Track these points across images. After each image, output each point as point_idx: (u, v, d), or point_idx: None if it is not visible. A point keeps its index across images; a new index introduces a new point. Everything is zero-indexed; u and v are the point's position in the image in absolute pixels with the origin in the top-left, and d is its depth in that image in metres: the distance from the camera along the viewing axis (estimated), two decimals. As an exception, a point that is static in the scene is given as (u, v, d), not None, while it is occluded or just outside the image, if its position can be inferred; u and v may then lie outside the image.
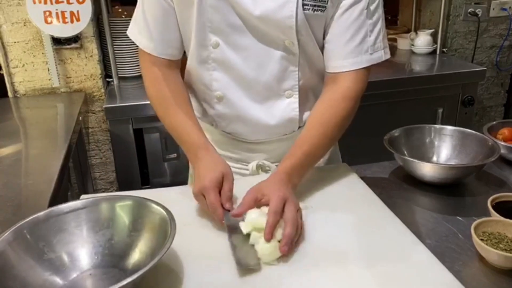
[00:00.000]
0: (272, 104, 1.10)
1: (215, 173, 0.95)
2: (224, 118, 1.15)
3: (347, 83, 1.05)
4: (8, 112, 1.97)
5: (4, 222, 1.02)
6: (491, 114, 2.79)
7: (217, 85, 1.10)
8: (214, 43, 1.04)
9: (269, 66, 1.05)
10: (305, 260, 0.83)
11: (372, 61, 1.06)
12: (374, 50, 1.05)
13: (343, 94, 1.06)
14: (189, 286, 0.78)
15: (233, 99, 1.10)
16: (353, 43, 1.03)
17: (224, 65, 1.07)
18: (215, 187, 0.93)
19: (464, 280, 0.78)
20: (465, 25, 2.55)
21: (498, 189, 1.09)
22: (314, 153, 1.04)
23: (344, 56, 1.04)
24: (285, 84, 1.08)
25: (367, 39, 1.04)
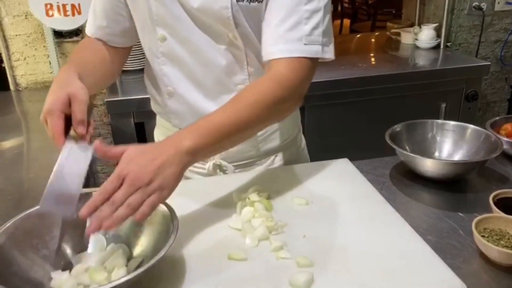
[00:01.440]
0: (224, 99, 1.01)
1: (59, 93, 0.84)
2: (176, 114, 1.14)
3: (279, 69, 0.95)
4: (9, 106, 1.97)
5: (5, 216, 1.02)
6: (495, 110, 2.77)
7: (167, 80, 1.09)
8: (161, 37, 1.04)
9: (216, 60, 1.03)
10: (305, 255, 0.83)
11: (306, 53, 0.95)
12: (310, 41, 0.96)
13: (269, 77, 0.96)
14: (190, 279, 0.78)
15: (184, 95, 1.09)
16: (283, 26, 0.95)
17: (172, 59, 1.06)
18: (56, 109, 0.82)
19: (465, 277, 0.77)
20: (470, 19, 2.53)
21: (501, 185, 1.08)
22: (221, 126, 0.87)
23: (274, 41, 0.96)
24: (236, 78, 1.06)
25: (300, 27, 0.95)
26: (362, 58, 2.42)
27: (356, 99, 2.11)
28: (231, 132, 0.89)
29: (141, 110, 1.94)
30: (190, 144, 0.82)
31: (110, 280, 0.74)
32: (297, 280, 0.75)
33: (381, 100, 2.15)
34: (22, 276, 0.73)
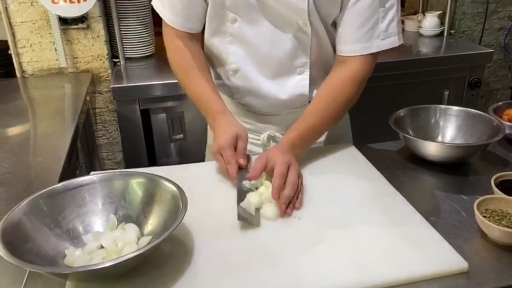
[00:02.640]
0: (284, 80, 1.15)
1: (230, 133, 1.04)
2: (238, 90, 1.21)
3: (355, 66, 1.10)
4: (16, 92, 1.98)
5: (16, 197, 1.05)
6: (498, 97, 2.78)
7: (233, 58, 1.15)
8: (232, 19, 1.10)
9: (283, 44, 1.10)
10: (311, 234, 0.86)
11: (382, 47, 1.09)
12: (386, 36, 1.09)
13: (350, 76, 1.10)
14: (198, 257, 0.80)
15: (247, 73, 1.16)
16: (363, 29, 1.07)
17: (240, 39, 1.12)
18: (230, 145, 1.02)
19: (467, 255, 0.79)
20: (473, 6, 2.52)
21: (502, 168, 1.09)
22: (317, 128, 1.10)
23: (355, 41, 1.08)
24: (297, 61, 1.13)
25: (378, 26, 1.07)
26: (366, 45, 2.42)
27: (360, 86, 2.12)
28: (324, 129, 1.14)
29: (146, 96, 1.95)
30: (300, 151, 1.06)
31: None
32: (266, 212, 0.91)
33: (385, 88, 2.16)
34: (37, 253, 0.75)
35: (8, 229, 0.74)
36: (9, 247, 0.70)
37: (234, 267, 0.78)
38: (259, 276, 0.76)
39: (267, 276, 0.76)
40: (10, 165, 1.26)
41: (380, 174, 1.06)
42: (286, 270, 0.77)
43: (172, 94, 1.95)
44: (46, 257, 0.76)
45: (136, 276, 0.76)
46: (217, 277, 0.76)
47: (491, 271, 0.78)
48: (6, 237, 0.73)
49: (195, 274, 0.77)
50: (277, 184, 0.93)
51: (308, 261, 0.79)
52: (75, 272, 0.72)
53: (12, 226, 0.76)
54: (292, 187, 0.93)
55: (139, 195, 0.87)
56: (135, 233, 0.82)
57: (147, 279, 0.76)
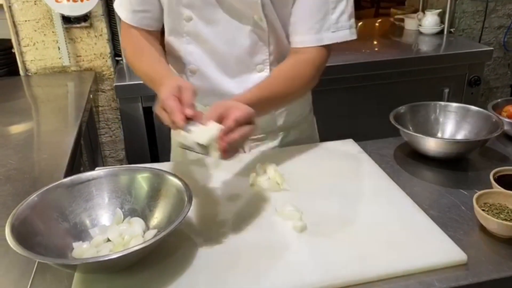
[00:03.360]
0: (244, 78, 1.13)
1: (172, 86, 0.92)
2: (198, 91, 1.16)
3: (309, 55, 1.09)
4: (20, 90, 2.00)
5: (23, 193, 1.06)
6: (497, 95, 2.79)
7: (191, 58, 1.14)
8: (187, 17, 1.08)
9: (240, 41, 1.09)
10: (312, 228, 0.87)
11: (333, 39, 1.08)
12: (337, 28, 1.08)
13: (306, 60, 1.09)
14: (203, 250, 0.82)
15: (206, 73, 1.14)
16: (313, 20, 1.06)
17: (197, 38, 1.11)
18: (171, 95, 0.90)
19: (466, 248, 0.81)
20: (473, 4, 2.54)
21: (501, 164, 1.10)
22: (271, 101, 1.03)
23: (305, 32, 1.07)
24: (256, 58, 1.12)
25: (328, 17, 1.06)
26: (366, 44, 2.44)
27: (361, 84, 2.14)
28: (275, 105, 1.09)
29: (149, 94, 1.96)
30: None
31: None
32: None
33: (385, 85, 2.17)
34: (45, 246, 0.77)
35: (18, 223, 0.76)
36: (19, 239, 0.72)
37: (237, 259, 0.80)
38: (262, 268, 0.78)
39: (269, 269, 0.78)
40: (16, 162, 1.28)
41: (381, 169, 1.07)
42: (288, 262, 0.79)
43: (174, 92, 1.96)
44: (54, 250, 0.78)
45: (142, 269, 0.78)
46: (221, 269, 0.78)
47: (489, 263, 0.80)
48: (16, 230, 0.74)
49: (200, 267, 0.78)
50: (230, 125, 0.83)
51: (310, 254, 0.81)
52: (83, 264, 0.73)
53: (22, 220, 0.77)
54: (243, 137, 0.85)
55: (144, 190, 0.89)
56: (141, 226, 0.84)
57: (152, 272, 0.77)
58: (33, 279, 0.79)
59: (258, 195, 0.99)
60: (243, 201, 0.96)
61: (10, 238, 0.72)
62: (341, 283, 0.75)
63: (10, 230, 0.74)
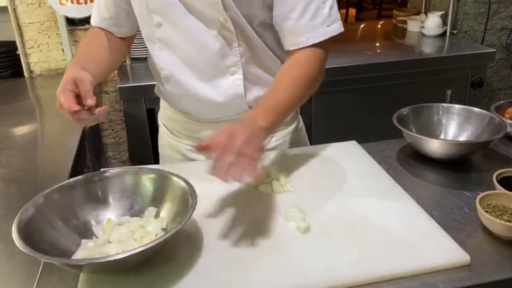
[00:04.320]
0: (217, 81, 1.12)
1: (65, 79, 0.96)
2: (174, 97, 1.19)
3: (311, 52, 1.06)
4: (24, 92, 2.01)
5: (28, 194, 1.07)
6: (500, 97, 2.79)
7: (164, 65, 1.14)
8: (157, 23, 1.09)
9: (209, 44, 1.08)
10: (316, 229, 0.88)
11: (330, 33, 1.05)
12: (331, 21, 1.04)
13: (306, 58, 1.06)
14: (208, 251, 0.83)
15: (179, 78, 1.14)
16: (305, 17, 1.03)
17: (168, 44, 1.11)
18: (64, 89, 0.93)
19: (469, 249, 0.82)
20: (476, 6, 2.54)
21: (504, 165, 1.11)
22: (278, 107, 1.01)
23: (300, 32, 1.04)
24: (228, 61, 1.10)
25: (320, 12, 1.03)
26: (369, 45, 2.44)
27: (363, 86, 2.14)
28: (287, 111, 1.04)
29: (152, 96, 1.96)
30: (263, 124, 0.94)
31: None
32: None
33: (388, 87, 2.18)
34: (51, 245, 0.78)
35: (24, 223, 0.77)
36: (25, 239, 0.73)
37: (242, 260, 0.80)
38: (267, 269, 0.78)
39: (274, 269, 0.78)
40: (20, 163, 1.29)
41: (384, 171, 1.08)
42: (293, 263, 0.79)
43: (177, 93, 1.97)
44: (60, 250, 0.79)
45: (148, 269, 0.78)
46: (226, 269, 0.78)
47: (492, 264, 0.80)
48: (22, 230, 0.75)
49: (205, 266, 0.79)
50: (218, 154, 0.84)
51: (314, 255, 0.81)
52: (88, 264, 0.74)
53: (28, 220, 0.78)
54: (234, 155, 0.83)
55: (150, 191, 0.90)
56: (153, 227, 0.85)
57: (158, 272, 0.78)
58: (39, 279, 0.80)
59: (262, 197, 0.99)
60: (247, 203, 0.97)
61: (16, 238, 0.73)
62: (344, 284, 0.76)
63: (16, 230, 0.75)
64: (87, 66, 1.06)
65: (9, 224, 0.77)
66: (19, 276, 0.83)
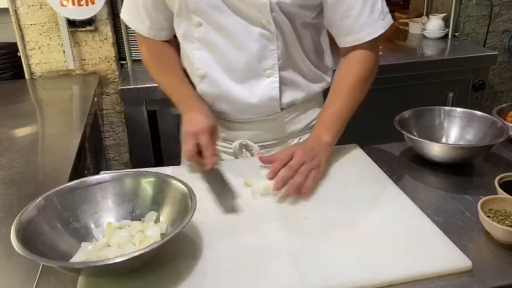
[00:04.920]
0: (253, 83, 1.14)
1: (211, 122, 1.10)
2: (207, 97, 1.19)
3: (365, 50, 1.12)
4: (25, 93, 2.01)
5: (28, 197, 1.07)
6: (502, 99, 2.78)
7: (200, 64, 1.15)
8: (197, 23, 1.09)
9: (248, 45, 1.09)
10: (317, 233, 0.87)
11: (386, 25, 1.11)
12: (385, 14, 1.10)
13: (358, 58, 1.13)
14: (208, 255, 0.82)
15: (215, 78, 1.15)
16: (365, 14, 1.07)
17: (206, 44, 1.12)
18: (209, 131, 1.08)
19: (470, 254, 0.81)
20: (478, 9, 2.53)
21: (506, 169, 1.10)
22: (341, 114, 1.13)
23: (359, 29, 1.09)
24: (265, 63, 1.11)
25: (376, 7, 1.08)
26: (370, 48, 2.43)
27: (364, 88, 2.13)
28: (348, 115, 1.14)
29: (153, 98, 1.98)
30: (328, 139, 1.10)
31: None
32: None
33: (389, 90, 2.17)
34: (50, 248, 0.77)
35: (23, 226, 0.77)
36: (24, 242, 0.72)
37: (242, 264, 0.80)
38: (266, 273, 0.78)
39: (274, 274, 0.77)
40: (20, 165, 1.28)
41: (385, 175, 1.07)
42: (292, 268, 0.79)
43: (178, 95, 1.97)
44: (59, 253, 0.78)
45: (147, 273, 0.78)
46: (226, 273, 0.78)
47: (494, 269, 0.79)
48: (21, 233, 0.75)
49: (204, 271, 0.78)
50: (275, 166, 1.00)
51: (314, 259, 0.81)
52: (87, 268, 0.73)
53: (27, 223, 0.78)
54: (289, 170, 0.98)
55: (150, 194, 0.89)
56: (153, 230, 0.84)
57: (157, 275, 0.77)
58: (37, 282, 0.79)
59: (262, 201, 0.99)
60: (246, 206, 0.96)
61: (15, 241, 0.73)
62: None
63: (15, 233, 0.74)
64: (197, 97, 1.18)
65: (9, 226, 0.76)
66: (18, 279, 0.83)
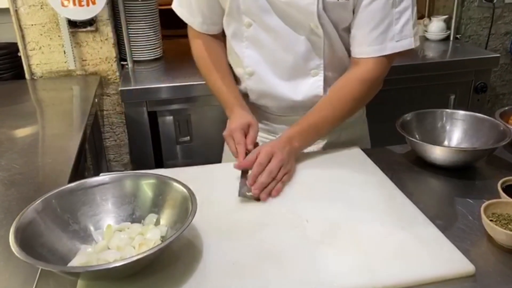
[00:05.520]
0: (298, 82, 1.18)
1: (244, 120, 1.14)
2: (253, 92, 1.24)
3: (366, 67, 1.12)
4: (25, 94, 2.00)
5: (28, 198, 1.06)
6: (504, 102, 2.78)
7: (249, 61, 1.19)
8: (247, 23, 1.13)
9: (296, 47, 1.13)
10: (318, 236, 0.86)
11: (397, 48, 1.10)
12: (401, 37, 1.09)
13: (359, 77, 1.13)
14: (207, 258, 0.81)
15: (262, 76, 1.19)
16: (377, 31, 1.08)
17: (255, 43, 1.16)
18: (241, 129, 1.11)
19: (473, 258, 0.80)
20: (480, 11, 2.53)
21: (509, 173, 1.09)
22: (319, 125, 1.14)
23: (368, 43, 1.10)
24: (311, 63, 1.16)
25: (392, 28, 1.08)
26: (372, 49, 2.43)
27: (366, 90, 2.13)
28: (327, 127, 1.15)
29: (154, 99, 1.97)
30: (298, 145, 1.11)
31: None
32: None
33: (391, 91, 2.15)
34: (49, 251, 0.77)
35: (22, 228, 0.76)
36: (22, 245, 0.72)
37: (242, 268, 0.79)
38: (267, 277, 0.77)
39: (275, 277, 0.77)
40: (20, 166, 1.28)
41: (387, 178, 1.07)
42: (293, 271, 0.78)
43: (179, 96, 1.96)
44: (59, 255, 0.78)
45: (147, 276, 0.77)
46: (226, 277, 0.77)
47: (497, 274, 0.79)
48: (20, 235, 0.74)
49: (205, 274, 0.78)
50: (255, 171, 1.01)
51: (315, 263, 0.80)
52: (86, 272, 0.73)
53: (26, 225, 0.77)
54: (267, 175, 1.00)
55: (150, 196, 0.88)
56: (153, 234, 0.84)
57: (157, 278, 0.77)
58: (36, 284, 0.79)
59: (261, 204, 0.98)
60: (246, 210, 0.96)
61: (13, 244, 0.72)
62: (346, 293, 0.74)
63: (14, 235, 0.73)
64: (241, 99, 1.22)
65: (8, 228, 0.76)
66: (17, 281, 0.82)
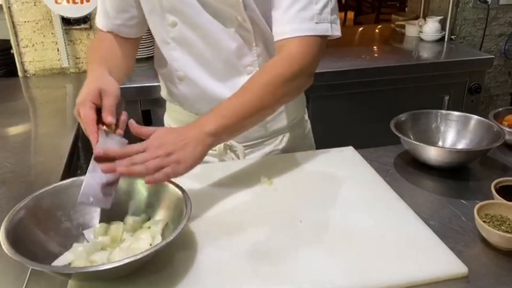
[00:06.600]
0: (234, 81, 1.10)
1: (91, 88, 0.90)
2: (187, 98, 1.17)
3: (290, 48, 0.99)
4: (18, 92, 1.99)
5: (18, 196, 1.05)
6: (498, 103, 2.79)
7: (178, 65, 1.12)
8: (172, 22, 1.06)
9: (226, 43, 1.06)
10: (311, 237, 0.86)
11: (317, 31, 0.99)
12: (320, 20, 0.99)
13: (281, 56, 1.00)
14: (201, 259, 0.81)
15: (194, 78, 1.12)
16: (296, 7, 0.98)
17: (183, 44, 1.09)
18: (87, 101, 0.88)
19: (466, 260, 0.80)
20: (474, 12, 2.54)
21: (502, 174, 1.10)
22: (241, 109, 0.94)
23: (287, 21, 1.00)
24: (245, 60, 1.09)
25: (312, 6, 0.99)
26: (367, 50, 2.43)
27: (361, 90, 2.13)
28: (249, 112, 0.94)
29: (147, 97, 1.96)
30: (212, 127, 0.88)
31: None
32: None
33: (385, 92, 2.17)
34: (42, 247, 0.76)
35: (12, 226, 0.75)
36: (13, 243, 0.71)
37: (235, 269, 0.78)
38: (260, 278, 0.76)
39: (268, 277, 0.76)
40: (12, 164, 1.27)
41: (381, 178, 1.06)
42: (287, 272, 0.78)
43: (173, 95, 1.96)
44: (50, 253, 0.77)
45: (140, 277, 0.76)
46: (219, 278, 0.76)
47: (490, 276, 0.79)
48: (11, 234, 0.73)
49: (198, 275, 0.77)
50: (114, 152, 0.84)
51: (308, 264, 0.79)
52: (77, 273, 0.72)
53: (17, 222, 0.76)
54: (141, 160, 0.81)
55: (144, 196, 0.88)
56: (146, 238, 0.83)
57: (150, 280, 0.76)
58: (27, 284, 0.78)
59: (256, 204, 0.97)
60: (241, 211, 0.95)
61: (4, 242, 0.71)
62: (340, 294, 0.74)
63: (4, 234, 0.73)
64: (112, 71, 1.03)
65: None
66: (7, 279, 0.81)
